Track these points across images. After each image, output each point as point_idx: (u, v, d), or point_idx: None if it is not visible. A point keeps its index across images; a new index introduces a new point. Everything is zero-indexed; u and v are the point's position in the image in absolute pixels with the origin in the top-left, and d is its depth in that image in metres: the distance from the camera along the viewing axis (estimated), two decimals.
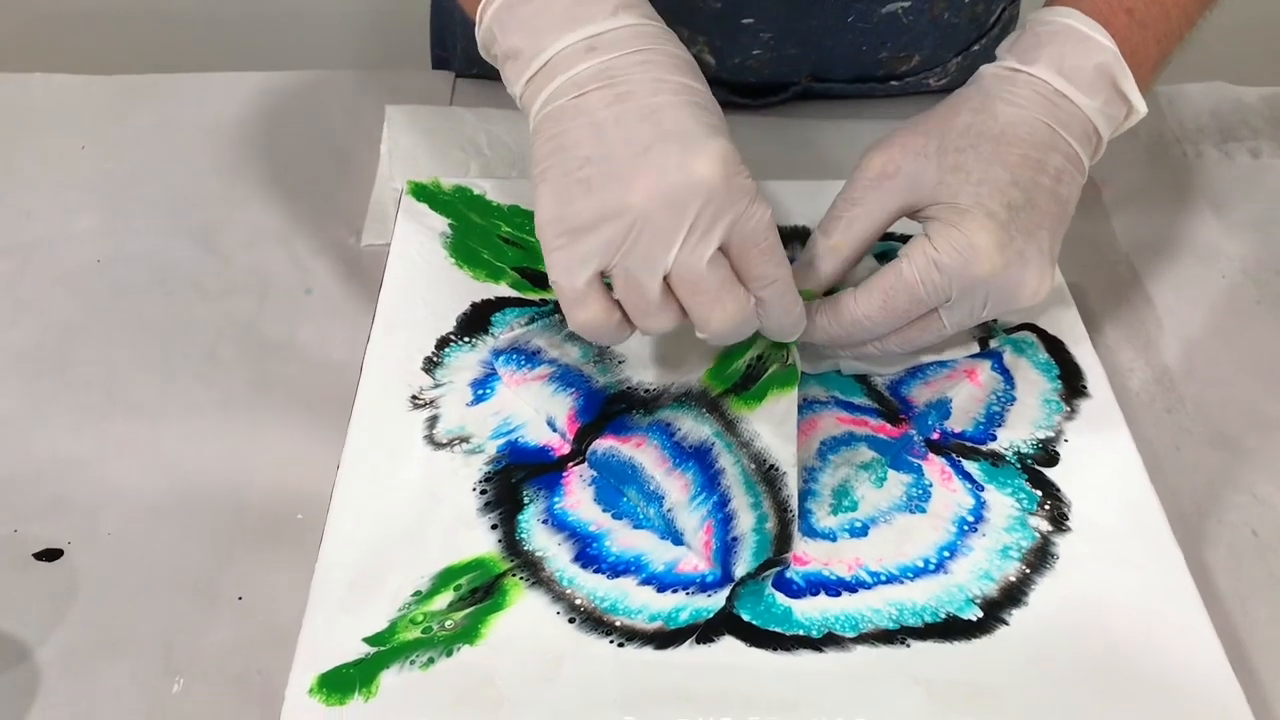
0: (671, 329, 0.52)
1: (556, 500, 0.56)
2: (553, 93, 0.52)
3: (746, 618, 0.51)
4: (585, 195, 0.49)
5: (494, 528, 0.54)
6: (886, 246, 0.64)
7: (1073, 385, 0.62)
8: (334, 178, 0.79)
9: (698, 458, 0.55)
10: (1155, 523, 0.56)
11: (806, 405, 0.60)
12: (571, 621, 0.51)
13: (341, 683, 0.48)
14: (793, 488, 0.54)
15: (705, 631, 0.50)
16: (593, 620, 0.51)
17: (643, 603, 0.52)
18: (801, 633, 0.51)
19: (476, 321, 0.64)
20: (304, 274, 0.72)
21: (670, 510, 0.54)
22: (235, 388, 0.65)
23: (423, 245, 0.68)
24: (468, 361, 0.62)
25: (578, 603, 0.52)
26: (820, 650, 0.50)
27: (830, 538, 0.55)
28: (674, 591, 0.52)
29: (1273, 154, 0.83)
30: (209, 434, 0.62)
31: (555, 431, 0.59)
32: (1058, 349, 0.64)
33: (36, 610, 0.54)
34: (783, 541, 0.53)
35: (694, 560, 0.53)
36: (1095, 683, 0.49)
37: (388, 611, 0.51)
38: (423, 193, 0.71)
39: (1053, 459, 0.58)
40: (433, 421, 0.59)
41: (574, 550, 0.54)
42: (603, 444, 0.57)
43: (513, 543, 0.54)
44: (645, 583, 0.52)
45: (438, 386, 0.60)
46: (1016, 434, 0.60)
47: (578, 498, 0.56)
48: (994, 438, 0.59)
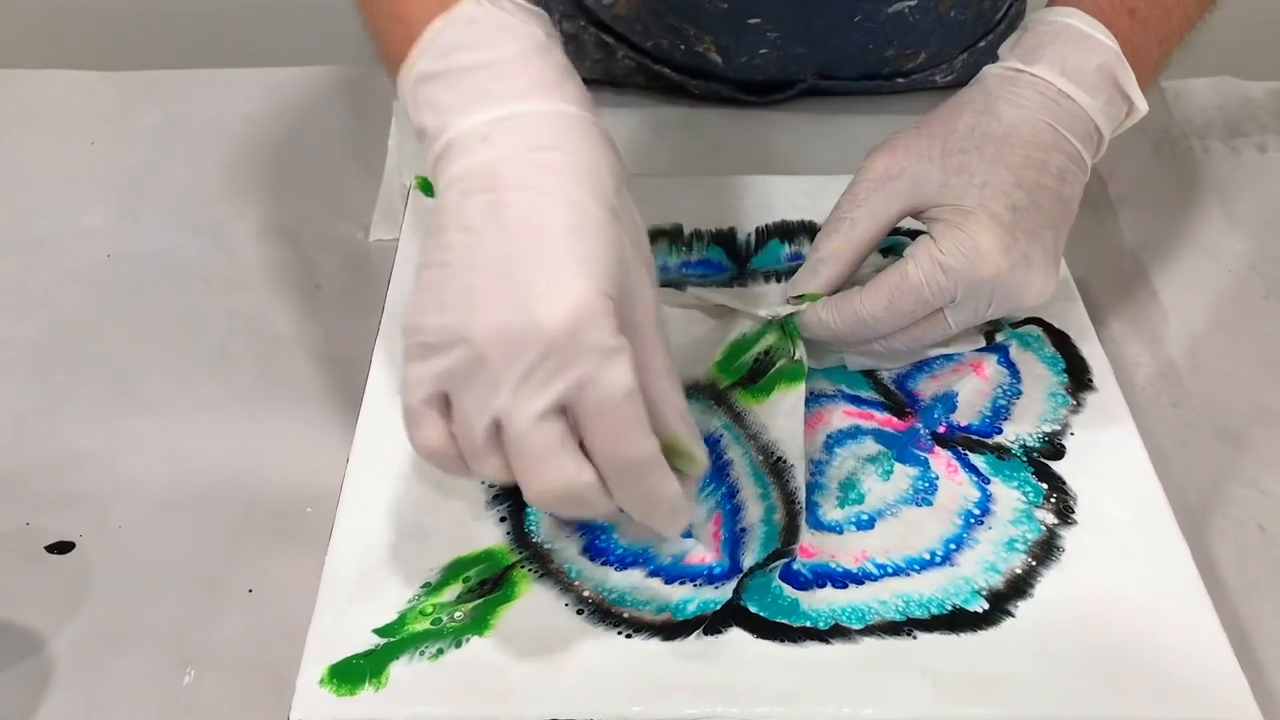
0: (502, 481, 0.46)
1: None
2: (446, 183, 0.47)
3: (754, 609, 0.51)
4: (438, 311, 0.45)
5: (502, 520, 0.55)
6: (893, 241, 0.64)
7: (1079, 379, 0.62)
8: (342, 173, 0.79)
9: (706, 448, 0.56)
10: (1161, 516, 0.56)
11: (813, 399, 0.60)
12: (580, 613, 0.51)
13: (352, 673, 0.48)
14: (800, 480, 0.55)
15: (713, 623, 0.51)
16: (601, 612, 0.51)
17: (650, 595, 0.52)
18: (809, 624, 0.51)
19: None
20: (312, 269, 0.72)
21: None
22: (245, 382, 0.65)
23: None
24: None
25: (586, 594, 0.52)
26: (827, 642, 0.50)
27: (837, 530, 0.55)
28: (681, 583, 0.52)
29: None
30: (219, 428, 0.63)
31: None
32: (1064, 343, 0.64)
33: (49, 602, 0.55)
34: (790, 533, 0.54)
35: (701, 552, 0.54)
36: (1101, 674, 0.50)
37: (397, 603, 0.51)
38: (431, 187, 0.71)
39: (1058, 452, 0.59)
40: None
41: (582, 542, 0.54)
42: None
43: (521, 535, 0.54)
44: (653, 575, 0.52)
45: None
46: (1022, 427, 0.60)
47: None
48: (1000, 431, 0.60)
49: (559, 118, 0.47)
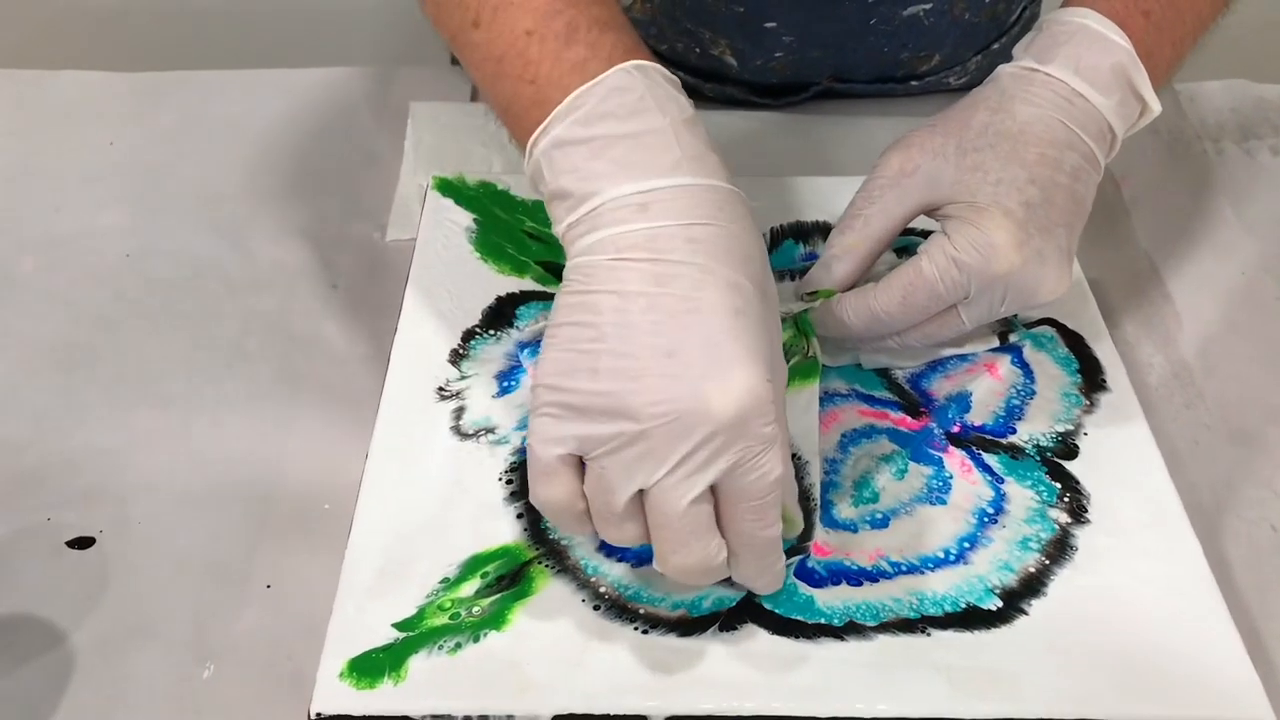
0: (633, 545, 0.47)
1: None
2: (592, 244, 0.47)
3: (769, 606, 0.51)
4: (590, 377, 0.45)
5: (520, 516, 0.55)
6: (907, 241, 0.64)
7: (1092, 380, 0.62)
8: (358, 174, 0.80)
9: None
10: (1174, 516, 0.56)
11: (827, 398, 0.61)
12: (596, 609, 0.51)
13: (371, 667, 0.49)
14: (815, 477, 0.55)
15: (728, 619, 0.51)
16: (617, 607, 0.51)
17: (666, 591, 0.52)
18: (823, 621, 0.51)
19: (501, 315, 0.65)
20: (330, 269, 0.73)
21: None
22: (263, 380, 0.66)
23: (448, 239, 0.68)
24: (493, 354, 0.63)
25: (602, 590, 0.52)
26: (842, 638, 0.50)
27: (851, 528, 0.55)
28: None
29: None
30: (238, 425, 0.63)
31: None
32: (1077, 344, 0.64)
33: (70, 597, 0.55)
34: (805, 530, 0.54)
35: None
36: (1114, 672, 0.50)
37: (416, 598, 0.51)
38: (448, 188, 0.72)
39: (1072, 452, 0.59)
40: (459, 413, 0.59)
41: (598, 539, 0.54)
42: None
43: (538, 531, 0.54)
44: None
45: (464, 379, 0.61)
46: (1036, 427, 0.60)
47: None
48: (1014, 431, 0.60)
49: (712, 192, 0.48)
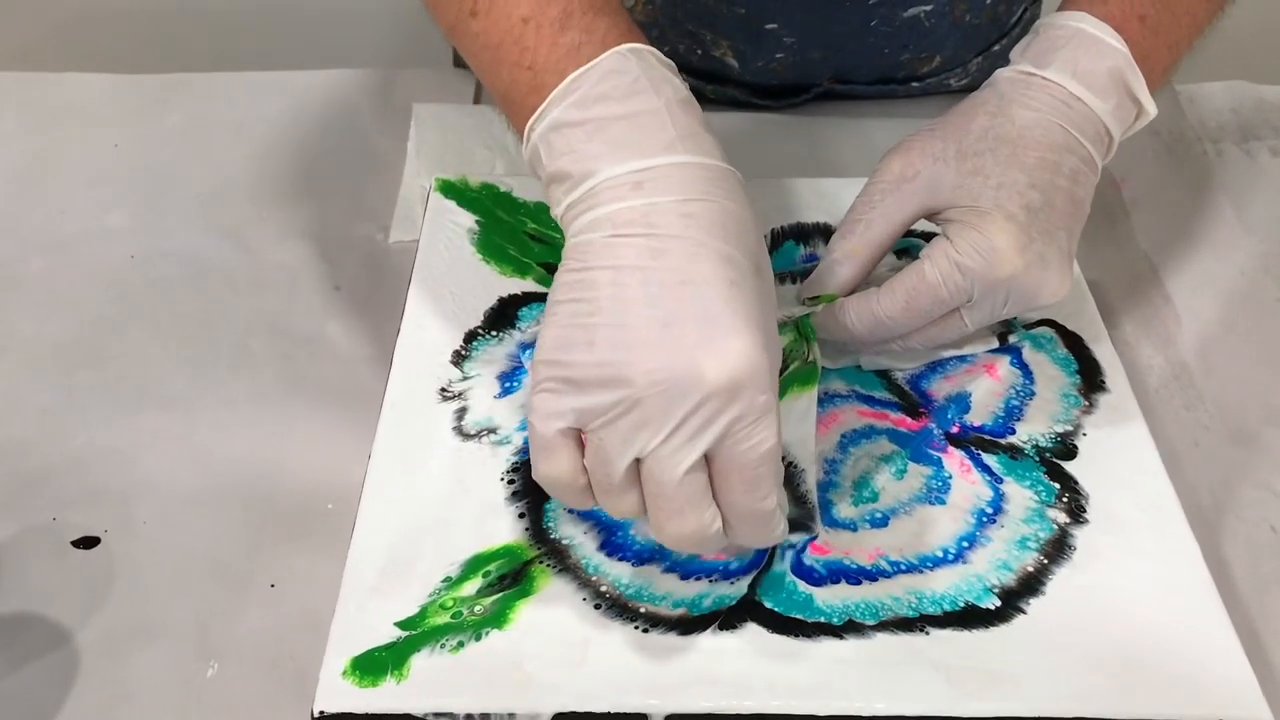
0: (633, 517, 0.48)
1: None
2: (590, 223, 0.48)
3: (769, 605, 0.52)
4: (587, 350, 0.46)
5: (521, 516, 0.55)
6: (907, 243, 0.64)
7: (1091, 380, 0.63)
8: (361, 175, 0.80)
9: None
10: (1172, 516, 0.56)
11: (827, 399, 0.61)
12: (597, 608, 0.52)
13: (374, 665, 0.49)
14: (812, 483, 0.55)
15: (728, 618, 0.51)
16: (618, 606, 0.52)
17: (666, 590, 0.52)
18: (823, 620, 0.51)
19: (504, 316, 0.65)
20: (333, 270, 0.73)
21: None
22: (266, 381, 0.66)
23: (450, 241, 0.69)
24: (495, 355, 0.63)
25: (603, 589, 0.52)
26: (841, 637, 0.51)
27: (851, 528, 0.55)
28: (697, 579, 0.53)
29: None
30: (241, 426, 0.64)
31: None
32: (1077, 345, 0.65)
33: (75, 596, 0.56)
34: (808, 512, 0.54)
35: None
36: (1112, 671, 0.50)
37: (418, 597, 0.52)
38: (450, 189, 0.72)
39: (1071, 453, 0.59)
40: (461, 413, 0.60)
41: (599, 538, 0.54)
42: None
43: (540, 531, 0.55)
44: (669, 570, 0.53)
45: (466, 379, 0.61)
46: (1035, 428, 0.60)
47: None
48: (1013, 431, 0.60)
49: (706, 170, 0.49)
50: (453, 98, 0.85)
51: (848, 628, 0.51)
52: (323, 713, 0.48)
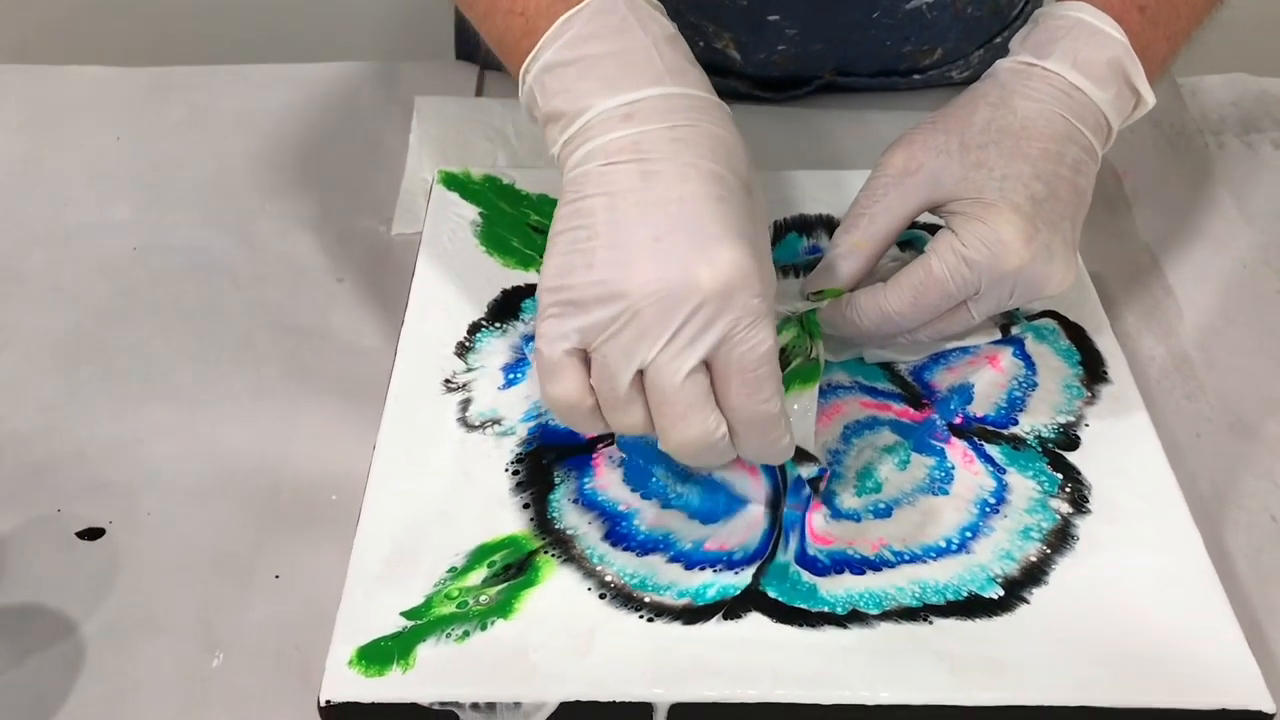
0: (639, 431, 0.49)
1: (586, 480, 0.57)
2: (584, 156, 0.49)
3: (773, 595, 0.52)
4: (586, 270, 0.47)
5: (526, 507, 0.55)
6: (910, 235, 0.64)
7: (1093, 371, 0.63)
8: (364, 168, 0.80)
9: None
10: (1174, 506, 0.56)
11: (831, 390, 0.61)
12: (602, 597, 0.52)
13: (380, 655, 0.49)
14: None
15: (733, 608, 0.51)
16: (622, 596, 0.52)
17: (671, 579, 0.53)
18: (827, 609, 0.52)
19: (507, 308, 0.65)
20: (336, 262, 0.73)
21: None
22: (270, 373, 0.66)
23: (454, 233, 0.69)
24: (499, 347, 0.63)
25: (608, 579, 0.53)
26: (845, 626, 0.51)
27: (855, 518, 0.56)
28: (701, 569, 0.53)
29: None
30: (245, 418, 0.64)
31: None
32: (1079, 336, 0.65)
33: (80, 587, 0.56)
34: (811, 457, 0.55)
35: (721, 539, 0.54)
36: (1114, 661, 0.50)
37: (424, 587, 0.52)
38: (453, 181, 0.72)
39: (1073, 443, 0.59)
40: (465, 404, 0.60)
41: (604, 528, 0.55)
42: None
43: (544, 521, 0.55)
44: (673, 560, 0.53)
45: (470, 371, 0.62)
46: (1038, 419, 0.60)
47: (607, 478, 0.57)
48: (1015, 422, 0.60)
49: (693, 99, 0.50)
50: (455, 90, 0.86)
51: (852, 617, 0.51)
52: (329, 702, 0.48)
